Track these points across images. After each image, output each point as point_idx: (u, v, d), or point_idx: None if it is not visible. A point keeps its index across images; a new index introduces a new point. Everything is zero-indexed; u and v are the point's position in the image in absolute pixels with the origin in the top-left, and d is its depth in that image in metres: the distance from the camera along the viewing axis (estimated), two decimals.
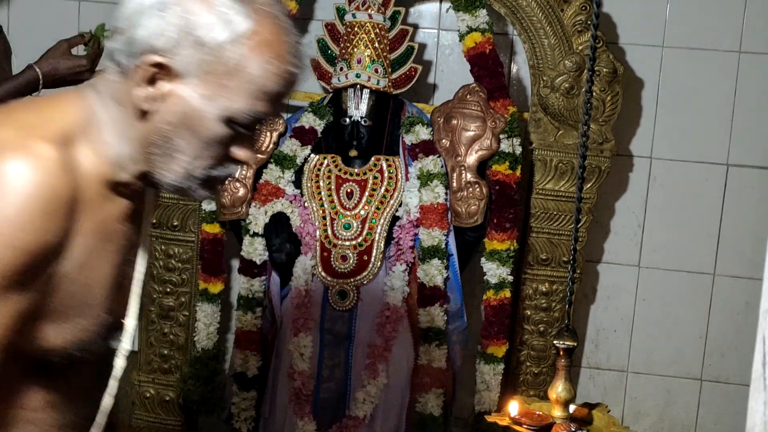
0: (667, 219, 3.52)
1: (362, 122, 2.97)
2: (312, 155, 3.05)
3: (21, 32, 3.37)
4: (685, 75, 3.43)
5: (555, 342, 1.90)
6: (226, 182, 2.99)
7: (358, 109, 2.97)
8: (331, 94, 3.07)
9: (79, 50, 2.69)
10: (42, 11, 3.62)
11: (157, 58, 1.29)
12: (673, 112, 3.46)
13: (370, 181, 2.99)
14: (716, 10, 3.39)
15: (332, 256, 2.95)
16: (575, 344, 1.91)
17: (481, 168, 2.97)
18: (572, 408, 1.97)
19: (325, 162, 3.04)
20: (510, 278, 3.02)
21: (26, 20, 3.58)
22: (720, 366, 3.57)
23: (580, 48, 3.06)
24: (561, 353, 1.91)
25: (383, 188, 2.99)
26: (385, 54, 2.98)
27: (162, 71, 1.30)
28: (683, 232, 3.52)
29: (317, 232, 2.97)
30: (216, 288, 3.19)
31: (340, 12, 3.05)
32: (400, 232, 2.94)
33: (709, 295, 3.53)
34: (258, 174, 3.03)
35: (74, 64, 2.60)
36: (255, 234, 2.99)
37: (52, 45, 2.60)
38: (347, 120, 2.98)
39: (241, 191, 3.03)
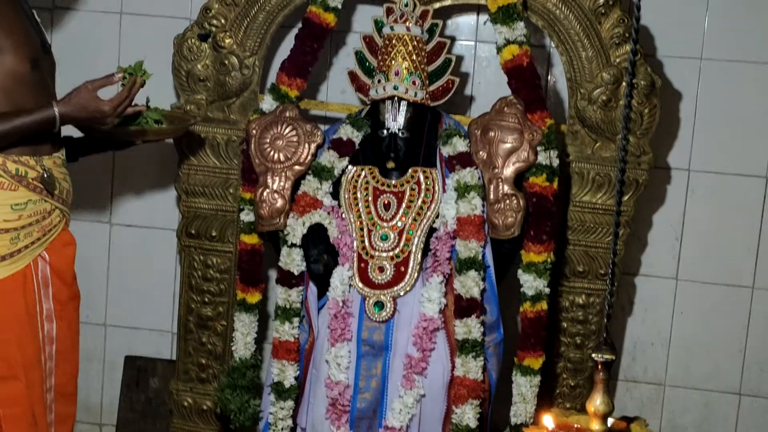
0: (705, 232, 3.51)
1: (400, 134, 2.98)
2: (350, 167, 3.07)
3: (63, 48, 3.42)
4: (723, 87, 3.42)
5: (593, 355, 1.90)
6: (265, 193, 3.02)
7: (396, 121, 2.99)
8: (368, 106, 3.09)
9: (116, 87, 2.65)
10: (83, 25, 3.68)
11: None
12: (712, 124, 3.45)
13: (408, 193, 3.01)
14: (754, 22, 3.38)
15: (369, 267, 2.96)
16: (614, 358, 1.91)
17: (519, 180, 2.97)
18: (611, 421, 1.96)
19: (363, 173, 3.06)
20: (547, 290, 3.01)
21: (68, 35, 3.64)
22: (759, 380, 3.54)
23: (617, 60, 3.06)
24: (599, 367, 1.91)
25: (420, 200, 3.00)
26: (422, 66, 2.99)
27: None
28: (721, 244, 3.50)
29: (354, 243, 2.98)
30: (254, 298, 3.21)
31: (378, 24, 3.06)
32: (437, 244, 2.95)
33: (747, 309, 3.51)
34: (296, 185, 3.05)
35: (96, 106, 2.55)
36: (293, 245, 3.01)
37: (79, 85, 2.56)
38: (385, 132, 3.00)
39: (280, 202, 3.05)
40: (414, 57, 2.98)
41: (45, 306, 2.71)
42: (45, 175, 2.61)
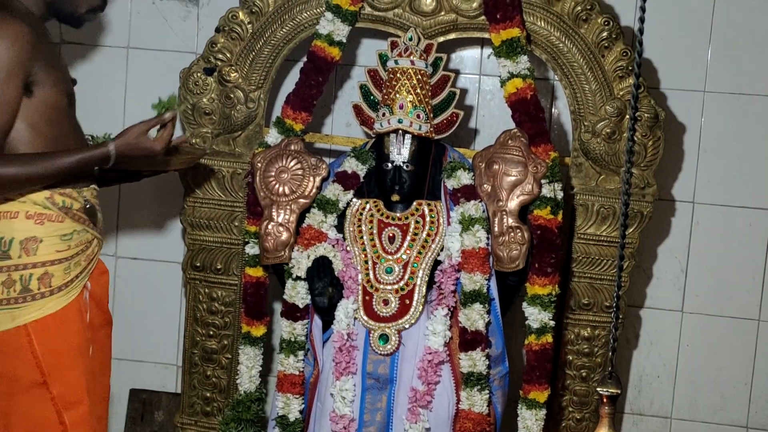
0: (711, 264, 3.50)
1: (404, 167, 2.99)
2: (354, 200, 3.08)
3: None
4: (727, 120, 3.43)
5: (598, 389, 1.90)
6: (269, 226, 3.03)
7: (401, 154, 3.00)
8: (373, 139, 3.10)
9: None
10: (91, 60, 3.71)
11: None
12: (716, 156, 3.45)
13: (412, 226, 3.01)
14: (758, 54, 3.39)
15: (374, 300, 2.96)
16: (619, 392, 1.91)
17: (523, 213, 2.98)
18: None
19: (368, 206, 3.06)
20: (552, 323, 3.01)
21: (76, 69, 3.67)
22: (766, 413, 3.52)
23: (621, 93, 3.07)
24: (605, 400, 1.90)
25: (425, 232, 3.00)
26: (427, 99, 3.01)
27: None
28: (727, 277, 3.50)
29: (359, 276, 2.99)
30: (259, 331, 3.21)
31: (383, 58, 3.08)
32: (442, 277, 2.95)
33: (754, 341, 3.50)
34: (301, 218, 3.06)
35: (148, 146, 2.62)
36: (298, 278, 3.01)
37: (132, 125, 2.63)
38: (389, 165, 3.01)
39: (284, 235, 3.05)
40: (418, 90, 2.99)
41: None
42: (87, 206, 2.68)
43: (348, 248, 3.03)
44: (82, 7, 2.69)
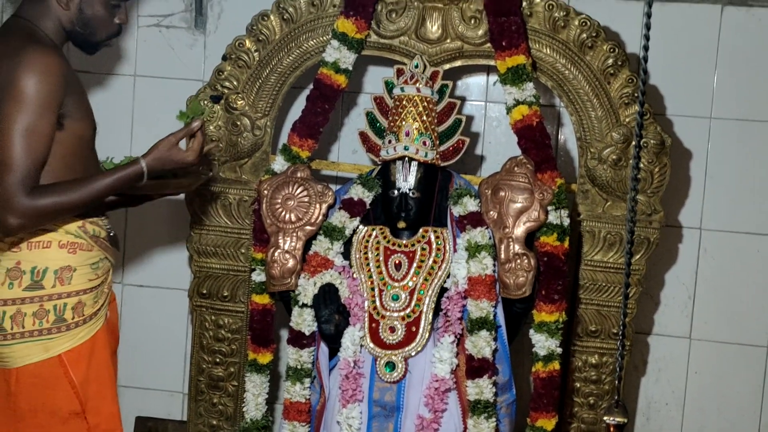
0: (718, 290, 3.49)
1: (410, 194, 3.00)
2: (360, 227, 3.08)
3: None
4: (733, 146, 3.44)
5: (605, 418, 1.89)
6: (276, 254, 3.03)
7: (407, 181, 3.00)
8: (379, 167, 3.11)
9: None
10: (98, 87, 3.73)
11: None
12: (722, 183, 3.45)
13: (419, 253, 3.01)
14: (764, 81, 3.40)
15: (381, 327, 2.96)
16: (626, 421, 1.90)
17: (529, 239, 2.98)
18: None
19: (374, 233, 3.06)
20: (559, 350, 3.00)
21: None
22: None
23: (627, 120, 3.07)
24: (611, 429, 1.89)
25: (431, 259, 3.00)
26: (433, 127, 3.01)
27: None
28: (735, 303, 3.48)
29: (366, 303, 2.98)
30: (265, 359, 3.20)
31: (389, 86, 3.09)
32: (448, 304, 2.94)
33: (762, 369, 3.48)
34: (307, 245, 3.06)
35: (181, 158, 2.61)
36: (304, 305, 3.01)
37: (162, 138, 2.62)
38: (396, 192, 3.01)
39: (291, 262, 3.05)
40: (424, 117, 3.00)
41: None
42: (111, 234, 2.68)
43: (354, 275, 3.02)
44: (101, 35, 2.70)
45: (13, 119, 2.42)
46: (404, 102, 3.01)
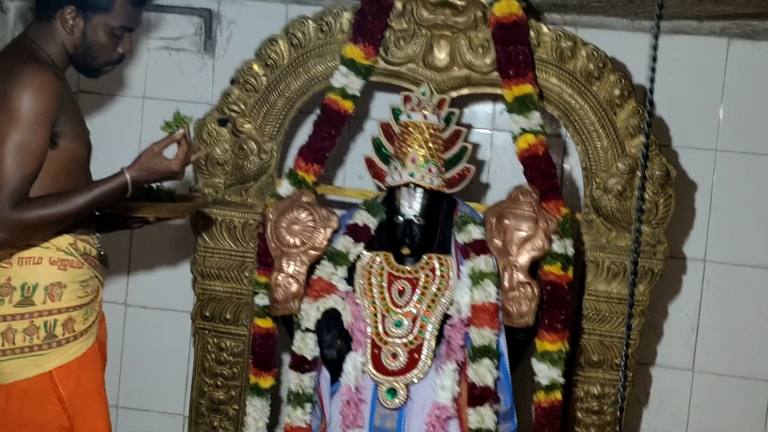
0: (722, 323, 3.49)
1: (415, 221, 3.00)
2: (365, 252, 3.08)
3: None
4: (738, 178, 3.44)
5: None
6: (280, 278, 3.03)
7: (412, 207, 3.00)
8: (385, 193, 3.11)
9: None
10: (107, 109, 3.75)
11: None
12: (727, 215, 3.45)
13: (422, 279, 3.01)
14: None
15: (383, 353, 2.95)
16: None
17: (533, 268, 2.97)
18: None
19: (378, 259, 3.06)
20: (561, 380, 2.99)
21: (92, 118, 3.70)
22: None
23: (633, 150, 3.08)
24: None
25: (435, 286, 3.00)
26: (439, 154, 3.02)
27: None
28: (738, 336, 3.48)
29: (368, 329, 2.98)
30: (266, 383, 3.20)
31: (396, 112, 3.10)
32: (451, 331, 2.94)
33: (765, 402, 3.47)
34: (311, 270, 3.06)
35: (165, 167, 2.63)
36: (307, 329, 3.01)
37: (144, 149, 2.64)
38: (400, 218, 3.01)
39: (294, 287, 3.05)
40: (430, 144, 3.01)
41: None
42: (102, 252, 2.69)
43: (357, 301, 3.02)
44: (102, 61, 2.73)
45: (5, 135, 2.45)
46: (410, 129, 3.02)
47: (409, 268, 3.03)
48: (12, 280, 2.56)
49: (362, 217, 3.09)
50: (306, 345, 3.01)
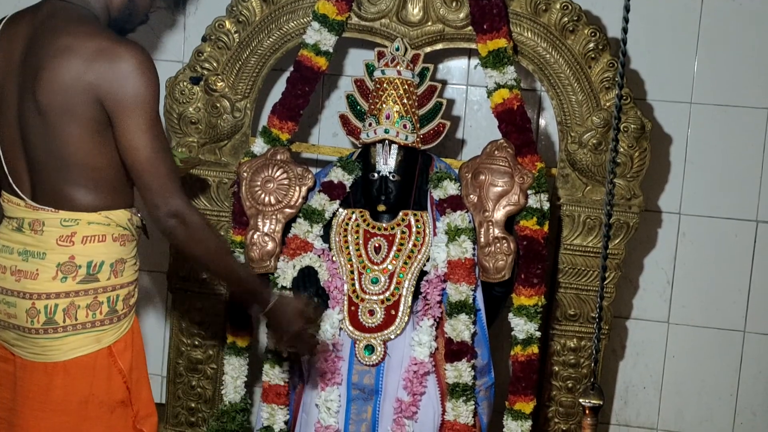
0: (697, 275, 3.51)
1: (390, 177, 2.99)
2: (340, 210, 3.07)
3: None
4: (713, 131, 3.44)
5: (581, 400, 1.89)
6: (255, 236, 3.02)
7: (387, 164, 3.00)
8: (359, 150, 3.10)
9: None
10: None
11: None
12: (702, 168, 3.46)
13: (398, 236, 3.01)
14: (744, 66, 3.40)
15: (360, 310, 2.95)
16: (601, 403, 1.90)
17: (509, 223, 2.98)
18: None
19: (354, 216, 3.06)
20: (538, 334, 3.01)
21: None
22: (751, 424, 3.53)
23: (607, 104, 3.07)
24: (587, 412, 1.90)
25: (411, 243, 3.00)
26: (413, 110, 3.01)
27: None
28: (713, 288, 3.50)
29: (345, 287, 2.98)
30: (244, 342, 3.20)
31: (370, 68, 3.08)
32: (428, 287, 2.94)
33: (739, 353, 3.50)
34: (286, 228, 3.05)
35: (294, 327, 2.61)
36: (283, 288, 3.00)
37: (298, 302, 2.63)
38: (376, 175, 3.00)
39: (270, 245, 3.05)
40: (405, 101, 2.99)
41: None
42: (143, 222, 2.66)
43: (334, 258, 3.02)
44: (135, 22, 2.66)
45: (146, 124, 2.38)
46: (385, 85, 3.01)
47: (385, 225, 3.02)
48: (76, 258, 2.52)
49: (337, 175, 3.08)
50: None
